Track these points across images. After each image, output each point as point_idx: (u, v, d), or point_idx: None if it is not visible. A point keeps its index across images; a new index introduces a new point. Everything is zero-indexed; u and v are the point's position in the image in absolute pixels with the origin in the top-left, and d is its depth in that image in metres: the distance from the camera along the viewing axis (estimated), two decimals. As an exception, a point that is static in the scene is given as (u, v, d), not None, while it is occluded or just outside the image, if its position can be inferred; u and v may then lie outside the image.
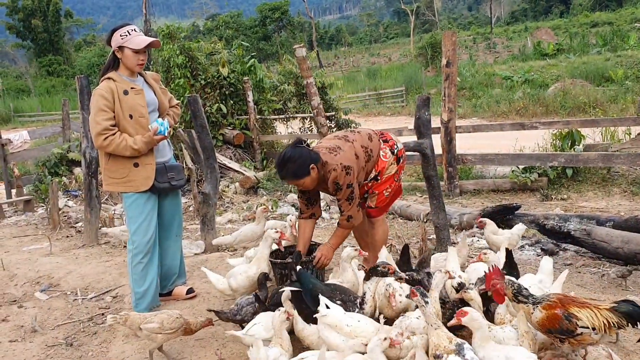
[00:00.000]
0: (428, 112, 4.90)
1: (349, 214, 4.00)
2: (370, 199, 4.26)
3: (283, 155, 3.91)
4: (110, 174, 3.99)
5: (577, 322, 2.60)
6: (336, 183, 3.88)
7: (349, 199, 3.96)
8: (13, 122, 33.79)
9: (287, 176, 3.91)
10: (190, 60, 11.48)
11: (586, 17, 50.32)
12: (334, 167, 3.85)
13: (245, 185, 9.95)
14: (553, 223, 5.23)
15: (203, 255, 5.87)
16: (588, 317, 2.60)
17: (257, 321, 3.32)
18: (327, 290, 3.36)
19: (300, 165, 3.82)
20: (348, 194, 3.93)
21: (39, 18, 52.33)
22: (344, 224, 4.05)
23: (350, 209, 3.98)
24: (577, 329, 2.59)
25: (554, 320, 2.63)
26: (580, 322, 2.60)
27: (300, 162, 3.82)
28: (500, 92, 22.84)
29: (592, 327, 2.58)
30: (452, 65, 7.95)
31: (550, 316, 2.66)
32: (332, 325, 2.96)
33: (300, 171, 3.83)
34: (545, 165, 7.90)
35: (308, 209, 4.21)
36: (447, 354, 2.52)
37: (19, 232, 7.88)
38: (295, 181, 3.91)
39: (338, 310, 3.08)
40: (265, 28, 59.06)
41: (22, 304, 4.79)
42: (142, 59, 3.96)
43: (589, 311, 2.63)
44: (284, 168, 3.88)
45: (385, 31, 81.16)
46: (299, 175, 3.84)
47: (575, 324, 2.60)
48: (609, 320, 2.59)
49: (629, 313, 2.63)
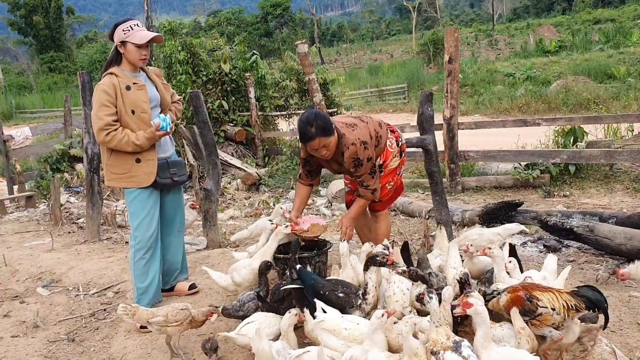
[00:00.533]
0: (431, 107, 4.89)
1: (374, 187, 4.03)
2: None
3: (309, 114, 3.82)
4: (112, 169, 3.98)
5: (537, 302, 2.76)
6: (356, 159, 3.87)
7: (371, 172, 3.99)
8: (15, 119, 33.79)
9: (316, 132, 3.73)
10: (192, 57, 11.47)
11: (589, 14, 50.16)
12: (353, 142, 3.84)
13: (247, 182, 9.95)
14: (555, 220, 5.21)
15: (205, 251, 5.87)
16: (548, 299, 2.76)
17: (250, 320, 3.30)
18: (329, 285, 3.35)
19: (327, 122, 3.79)
20: (370, 167, 3.96)
21: (41, 15, 52.21)
22: (368, 195, 4.06)
23: (374, 183, 4.02)
24: (537, 309, 2.75)
25: (516, 301, 2.82)
26: (541, 302, 2.75)
27: (327, 120, 3.81)
28: (502, 89, 22.80)
29: (551, 307, 2.73)
30: (455, 62, 7.94)
31: (513, 298, 2.84)
32: (331, 330, 2.94)
33: (327, 127, 3.77)
34: (548, 162, 7.89)
35: (308, 179, 4.26)
36: (444, 350, 2.53)
37: (20, 228, 7.89)
38: (324, 138, 3.77)
39: (335, 315, 3.05)
40: (267, 25, 58.92)
41: (24, 299, 4.79)
42: (145, 54, 3.95)
43: (550, 294, 2.80)
44: (313, 124, 3.73)
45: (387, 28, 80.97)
46: (327, 132, 3.76)
47: (536, 304, 2.75)
48: (568, 303, 2.74)
49: (587, 297, 2.78)
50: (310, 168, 4.22)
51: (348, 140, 3.84)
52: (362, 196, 4.09)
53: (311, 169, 4.23)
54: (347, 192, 4.55)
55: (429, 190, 5.11)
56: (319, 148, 3.83)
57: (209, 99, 11.46)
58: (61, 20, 55.05)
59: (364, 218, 4.53)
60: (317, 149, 3.84)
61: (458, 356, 2.49)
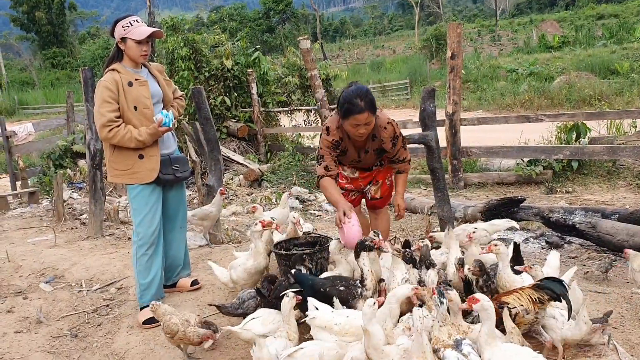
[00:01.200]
0: (433, 104, 4.88)
1: (409, 158, 4.21)
2: (374, 190, 4.31)
3: (358, 87, 3.77)
4: (114, 165, 3.98)
5: (507, 305, 2.85)
6: (394, 136, 3.98)
7: (404, 146, 4.11)
8: (17, 115, 33.83)
9: (366, 106, 3.66)
10: (194, 53, 11.46)
11: (592, 10, 49.96)
12: (388, 121, 3.95)
13: (249, 177, 9.95)
14: (558, 216, 5.21)
15: (207, 247, 5.88)
16: (514, 299, 2.87)
17: (255, 315, 3.31)
18: (328, 282, 3.36)
19: (374, 101, 3.78)
20: (401, 142, 4.08)
21: (43, 10, 52.22)
22: (407, 167, 4.24)
23: (407, 153, 4.18)
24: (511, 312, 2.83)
25: None
26: (510, 304, 2.84)
27: (374, 99, 3.80)
28: (505, 84, 22.76)
29: (519, 305, 2.83)
30: (457, 58, 7.92)
31: None
32: (322, 327, 2.94)
33: (375, 106, 3.77)
34: (550, 158, 7.88)
35: (335, 167, 4.05)
36: (445, 348, 2.55)
37: (23, 224, 7.91)
38: (370, 115, 3.70)
39: (326, 311, 3.05)
40: (269, 20, 58.88)
41: (27, 295, 4.80)
42: (145, 50, 3.94)
43: (514, 294, 2.91)
44: (365, 97, 3.67)
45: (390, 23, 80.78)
46: (374, 110, 3.76)
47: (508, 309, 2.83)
48: (531, 297, 2.84)
49: (549, 288, 2.85)
50: (337, 152, 4.03)
51: (383, 121, 3.92)
52: (403, 171, 4.24)
53: (337, 154, 4.06)
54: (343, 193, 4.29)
55: (431, 186, 5.10)
56: (362, 125, 3.73)
57: (212, 95, 11.46)
58: (63, 16, 55.06)
59: (363, 220, 4.53)
60: (359, 125, 3.73)
61: (458, 353, 2.50)
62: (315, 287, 3.31)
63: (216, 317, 3.93)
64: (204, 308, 4.15)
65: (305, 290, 3.28)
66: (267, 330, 3.17)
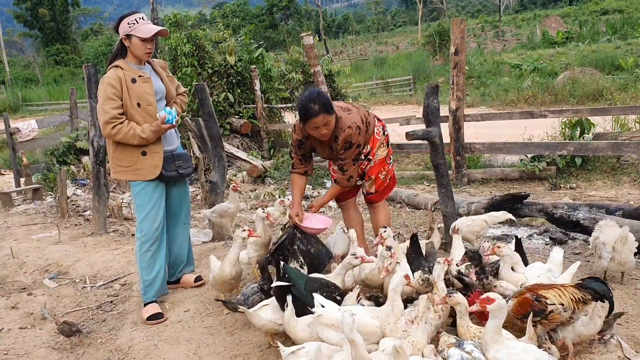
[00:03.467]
0: (437, 100, 4.86)
1: (351, 174, 4.14)
2: (368, 185, 4.38)
3: (311, 92, 3.89)
4: (118, 162, 3.98)
5: (546, 301, 2.75)
6: (348, 141, 3.95)
7: (355, 159, 4.09)
8: (21, 111, 33.88)
9: (319, 109, 3.78)
10: (197, 49, 11.45)
11: (596, 5, 49.72)
12: (350, 125, 3.93)
13: (252, 174, 9.95)
14: (562, 212, 5.20)
15: (211, 243, 5.89)
16: (555, 296, 2.76)
17: (266, 302, 3.35)
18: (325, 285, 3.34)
19: (329, 101, 3.86)
20: (356, 154, 4.05)
21: (47, 7, 52.30)
22: (343, 182, 4.18)
23: (353, 170, 4.13)
24: (547, 307, 2.74)
25: (525, 304, 2.81)
26: (549, 300, 2.75)
27: (329, 98, 3.89)
28: (508, 80, 22.68)
29: (559, 303, 2.73)
30: (461, 54, 7.89)
31: (520, 301, 2.83)
32: (330, 325, 2.90)
33: (330, 105, 3.84)
34: (554, 154, 7.85)
35: (302, 165, 4.30)
36: (448, 347, 2.56)
37: (27, 220, 7.93)
38: (327, 116, 3.82)
39: (333, 308, 3.01)
40: (272, 16, 58.81)
41: (31, 291, 4.82)
42: (150, 48, 3.93)
43: (555, 291, 2.80)
44: (317, 100, 3.79)
45: (393, 19, 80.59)
46: (330, 110, 3.84)
47: (544, 303, 2.75)
48: (574, 296, 2.75)
49: (592, 288, 2.79)
50: (303, 152, 4.25)
51: (345, 123, 3.94)
52: (338, 182, 4.20)
53: (304, 152, 4.26)
54: None
55: (435, 182, 5.09)
56: (321, 126, 3.87)
57: (215, 91, 11.45)
58: (67, 12, 55.15)
59: (355, 215, 4.61)
60: (318, 127, 3.87)
61: (461, 352, 2.50)
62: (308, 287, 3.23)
63: (219, 314, 3.95)
64: (207, 304, 4.15)
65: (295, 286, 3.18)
66: (277, 318, 3.23)
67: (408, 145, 9.02)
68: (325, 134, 3.93)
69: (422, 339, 2.71)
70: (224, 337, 3.59)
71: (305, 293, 3.17)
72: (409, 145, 9.01)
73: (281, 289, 3.16)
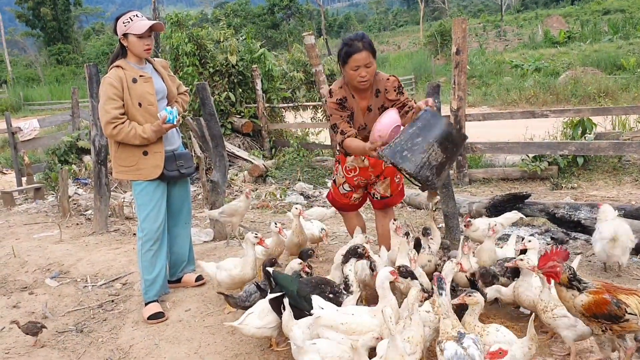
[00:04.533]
0: (438, 99, 4.86)
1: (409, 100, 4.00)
2: (383, 188, 4.15)
3: (357, 33, 3.88)
4: (119, 162, 3.99)
5: (625, 307, 2.56)
6: (399, 86, 3.94)
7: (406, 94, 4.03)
8: (23, 111, 33.93)
9: (364, 46, 3.71)
10: (198, 48, 11.46)
11: (598, 5, 49.63)
12: (388, 76, 3.96)
13: (254, 173, 9.96)
14: (563, 212, 5.19)
15: (212, 242, 5.89)
16: (636, 304, 2.57)
17: (251, 310, 3.32)
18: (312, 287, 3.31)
19: (373, 45, 3.82)
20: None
21: (48, 6, 52.27)
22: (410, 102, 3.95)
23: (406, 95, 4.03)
24: (624, 315, 2.55)
25: (602, 305, 2.59)
26: (629, 308, 2.56)
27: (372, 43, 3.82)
28: (510, 80, 22.68)
29: (639, 313, 2.56)
30: (462, 53, 7.89)
31: (598, 300, 2.61)
32: (328, 326, 2.89)
33: (374, 49, 3.81)
34: (556, 154, 7.85)
35: (351, 127, 3.91)
36: (447, 340, 2.54)
37: (29, 219, 7.94)
38: (370, 56, 3.74)
39: (331, 309, 2.99)
40: (274, 16, 58.78)
41: (32, 290, 4.82)
42: (148, 44, 3.92)
43: (636, 298, 2.60)
44: (363, 39, 3.74)
45: (395, 19, 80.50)
46: (374, 52, 3.80)
47: (624, 310, 2.56)
48: None
49: None
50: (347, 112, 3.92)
51: (383, 76, 3.95)
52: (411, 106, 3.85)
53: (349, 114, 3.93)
54: (343, 194, 4.28)
55: (436, 182, 5.08)
56: (362, 67, 3.72)
57: (216, 90, 11.46)
58: (68, 12, 55.10)
59: (358, 220, 4.44)
60: (359, 68, 3.72)
61: (458, 346, 2.50)
62: (300, 292, 3.21)
63: (220, 313, 3.95)
64: (208, 304, 4.16)
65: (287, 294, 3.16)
66: (265, 323, 3.22)
67: (409, 145, 9.00)
68: (364, 77, 3.75)
69: (417, 334, 2.70)
70: (224, 337, 3.59)
71: (299, 299, 3.16)
72: (410, 145, 8.99)
73: (276, 301, 3.16)
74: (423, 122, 3.34)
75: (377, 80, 3.90)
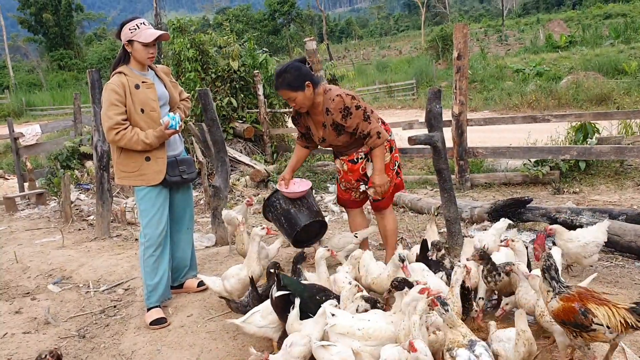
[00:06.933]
0: (439, 104, 4.87)
1: (375, 130, 3.99)
2: (373, 192, 4.25)
3: (283, 66, 4.02)
4: (122, 167, 4.00)
5: (592, 318, 2.54)
6: (344, 108, 3.91)
7: (365, 118, 3.97)
8: (25, 116, 34.00)
9: (281, 86, 3.96)
10: (200, 54, 11.49)
11: (599, 9, 49.76)
12: (338, 94, 3.95)
13: (255, 178, 9.96)
14: (565, 216, 5.19)
15: (214, 248, 5.90)
16: (604, 315, 2.54)
17: (256, 310, 3.35)
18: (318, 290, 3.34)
19: (297, 77, 3.90)
20: (361, 114, 3.96)
21: (51, 12, 52.48)
22: (376, 142, 4.00)
23: (372, 126, 3.99)
24: (591, 325, 2.54)
25: (569, 313, 2.60)
26: (596, 319, 2.54)
27: (297, 75, 3.91)
28: (512, 84, 22.67)
29: (606, 325, 2.52)
30: (464, 58, 7.90)
31: (566, 308, 2.62)
32: (344, 333, 2.87)
33: (295, 83, 3.90)
34: (557, 159, 7.84)
35: (303, 141, 4.43)
36: (458, 347, 2.53)
37: (31, 225, 7.95)
38: (288, 92, 3.94)
39: (346, 316, 2.97)
40: (275, 21, 58.93)
41: (35, 296, 4.83)
42: (152, 52, 3.96)
43: (606, 309, 2.56)
44: (280, 77, 3.95)
45: (396, 24, 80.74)
46: (294, 87, 3.90)
47: (590, 320, 2.54)
48: (627, 320, 2.53)
49: None
50: (300, 129, 4.33)
51: (333, 94, 3.97)
52: (373, 147, 4.03)
53: (302, 131, 4.34)
54: (343, 190, 4.50)
55: (438, 187, 5.09)
56: (287, 99, 4.03)
57: (218, 96, 11.49)
58: (71, 17, 55.31)
59: (362, 220, 4.63)
60: (287, 99, 4.03)
61: (470, 354, 2.49)
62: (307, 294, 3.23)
63: (222, 319, 3.95)
64: (210, 309, 4.16)
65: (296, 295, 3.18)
66: (267, 323, 3.26)
67: (411, 150, 9.01)
68: (295, 107, 4.04)
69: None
70: (226, 342, 3.59)
71: (308, 299, 3.18)
72: (411, 150, 8.99)
73: (282, 299, 3.17)
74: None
75: (326, 99, 4.01)
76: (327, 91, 4.01)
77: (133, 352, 3.64)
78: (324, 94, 4.01)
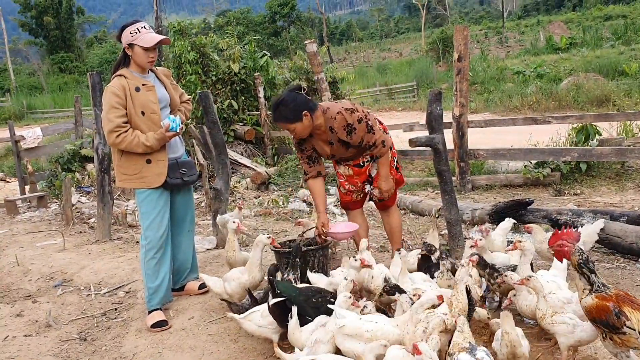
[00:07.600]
0: (440, 106, 4.87)
1: (380, 140, 4.08)
2: (377, 192, 4.36)
3: (278, 99, 4.07)
4: (123, 170, 4.00)
5: (625, 321, 2.50)
6: (347, 125, 3.97)
7: (368, 130, 4.03)
8: (26, 119, 33.99)
9: (279, 119, 4.04)
10: (201, 57, 11.50)
11: (599, 11, 49.75)
12: (338, 111, 3.97)
13: (256, 180, 9.96)
14: (566, 218, 5.18)
15: (215, 250, 5.89)
16: (638, 321, 2.49)
17: (257, 309, 3.39)
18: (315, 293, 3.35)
19: (293, 110, 3.93)
20: (364, 127, 4.01)
21: (51, 15, 52.53)
22: (382, 150, 4.11)
23: (377, 136, 4.06)
24: (622, 327, 2.50)
25: (602, 312, 2.57)
26: (629, 322, 2.50)
27: (293, 106, 3.93)
28: (512, 86, 22.68)
29: (639, 330, 2.48)
30: (464, 60, 7.91)
31: (600, 306, 2.59)
32: (352, 335, 2.86)
33: (292, 115, 3.93)
34: (558, 160, 7.84)
35: (311, 167, 4.32)
36: (459, 352, 2.54)
37: (32, 228, 7.95)
38: (286, 125, 4.01)
39: (354, 317, 2.97)
40: (275, 24, 58.98)
41: (36, 299, 4.83)
42: (152, 57, 3.96)
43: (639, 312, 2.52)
44: (277, 110, 4.01)
45: (396, 26, 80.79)
46: (291, 120, 3.94)
47: (622, 322, 2.50)
48: None
49: None
50: (307, 154, 4.29)
51: (333, 112, 3.99)
52: (380, 155, 4.15)
53: (309, 154, 4.30)
54: (344, 193, 4.56)
55: (439, 188, 5.09)
56: (286, 130, 4.11)
57: (219, 98, 11.50)
58: (71, 20, 55.36)
59: (362, 221, 4.66)
60: (286, 129, 4.12)
61: (472, 357, 2.49)
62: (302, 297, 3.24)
63: (223, 321, 3.95)
64: (211, 312, 4.16)
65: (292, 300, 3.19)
66: (266, 323, 3.27)
67: (412, 152, 9.02)
68: (295, 136, 4.09)
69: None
70: (227, 345, 3.59)
71: (303, 304, 3.19)
72: (412, 152, 9.01)
73: (278, 306, 3.18)
74: None
75: (327, 118, 4.03)
76: (326, 110, 4.02)
77: (134, 355, 3.63)
78: (323, 114, 4.03)
